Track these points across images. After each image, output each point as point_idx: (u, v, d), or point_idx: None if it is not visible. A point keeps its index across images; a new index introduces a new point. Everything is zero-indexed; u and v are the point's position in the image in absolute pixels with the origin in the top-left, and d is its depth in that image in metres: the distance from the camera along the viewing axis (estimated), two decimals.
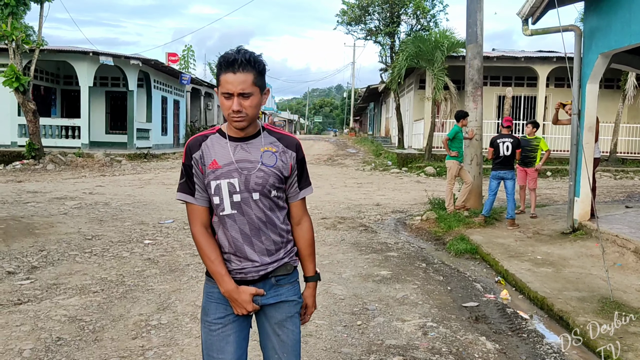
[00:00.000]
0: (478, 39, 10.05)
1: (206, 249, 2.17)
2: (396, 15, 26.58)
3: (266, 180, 2.13)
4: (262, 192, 2.14)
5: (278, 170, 2.16)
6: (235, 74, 2.02)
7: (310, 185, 2.33)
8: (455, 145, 9.70)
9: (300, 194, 2.28)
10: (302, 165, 2.28)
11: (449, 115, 19.95)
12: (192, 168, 2.18)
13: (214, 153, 2.16)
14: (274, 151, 2.18)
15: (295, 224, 2.30)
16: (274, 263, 2.21)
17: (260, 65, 2.09)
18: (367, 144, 32.28)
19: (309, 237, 2.32)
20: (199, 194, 2.19)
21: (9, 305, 4.86)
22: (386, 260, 6.91)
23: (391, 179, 17.63)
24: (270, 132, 2.23)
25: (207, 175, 2.15)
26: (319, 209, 10.75)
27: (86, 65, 22.25)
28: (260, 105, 2.13)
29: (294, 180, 2.25)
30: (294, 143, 2.25)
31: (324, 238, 8.12)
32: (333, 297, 5.32)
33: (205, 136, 2.21)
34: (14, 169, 17.24)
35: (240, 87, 2.02)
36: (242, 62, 2.02)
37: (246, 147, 2.16)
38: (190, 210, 2.21)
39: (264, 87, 2.14)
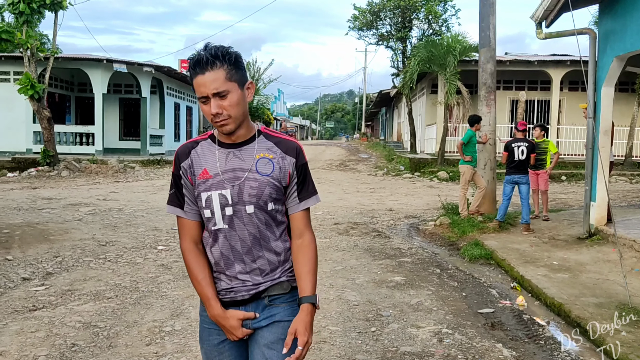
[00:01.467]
0: (491, 42, 9.99)
1: (194, 268, 1.98)
2: (408, 20, 26.57)
3: (261, 191, 1.91)
4: (257, 204, 1.92)
5: (275, 179, 1.94)
6: (204, 74, 1.82)
7: (314, 195, 2.06)
8: (469, 149, 9.63)
9: (301, 205, 2.01)
10: (304, 172, 2.02)
11: (461, 120, 19.86)
12: (181, 178, 1.99)
13: (204, 161, 1.96)
14: (271, 158, 1.95)
15: (296, 238, 2.03)
16: (267, 282, 1.97)
17: (231, 57, 1.85)
18: (379, 149, 32.21)
19: (309, 252, 2.02)
20: (189, 206, 1.99)
21: (24, 312, 4.88)
22: (400, 265, 6.86)
23: (404, 184, 17.56)
24: (267, 137, 2.00)
25: (197, 186, 1.95)
26: (332, 214, 10.72)
27: (100, 72, 22.46)
28: (243, 102, 1.90)
29: (293, 189, 2.00)
30: (294, 148, 2.01)
31: (337, 243, 8.10)
32: (347, 303, 5.28)
33: (195, 142, 2.01)
34: (29, 176, 17.41)
35: (213, 86, 1.82)
36: (209, 60, 1.82)
37: (239, 153, 1.95)
38: (180, 225, 2.02)
39: (243, 81, 1.91)
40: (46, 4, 17.55)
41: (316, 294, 1.99)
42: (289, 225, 2.05)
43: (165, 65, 24.51)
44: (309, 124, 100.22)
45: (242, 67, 1.91)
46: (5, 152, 21.34)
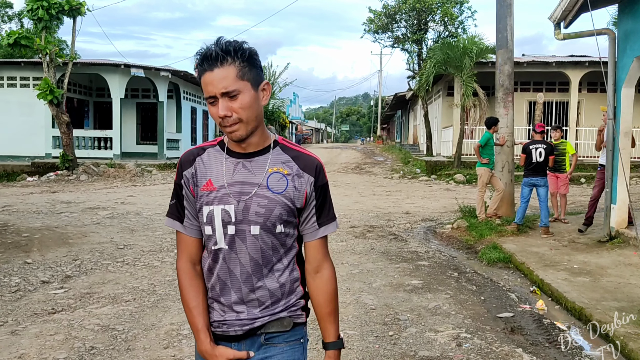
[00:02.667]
0: (508, 44, 9.91)
1: (187, 294, 1.75)
2: (423, 23, 26.48)
3: (270, 210, 1.67)
4: (263, 225, 1.67)
5: (288, 198, 1.69)
6: (213, 71, 1.60)
7: (334, 220, 1.81)
8: (486, 152, 9.55)
9: (320, 232, 1.77)
10: (324, 194, 1.77)
11: (478, 122, 19.72)
12: (182, 188, 1.77)
13: (209, 171, 1.73)
14: (286, 173, 1.70)
15: (312, 271, 1.78)
16: (265, 317, 1.73)
17: (244, 53, 1.62)
18: (394, 151, 32.11)
19: (330, 291, 1.78)
20: (189, 221, 1.77)
21: (44, 315, 4.93)
22: (417, 269, 6.81)
23: (420, 186, 17.47)
24: (284, 149, 1.76)
25: (199, 199, 1.72)
26: (348, 218, 10.69)
27: (118, 77, 22.69)
28: (257, 105, 1.67)
29: (311, 213, 1.75)
30: (314, 165, 1.74)
31: (353, 247, 8.07)
32: (364, 307, 5.25)
33: (202, 149, 1.79)
34: (49, 180, 17.64)
35: (222, 85, 1.59)
36: (218, 55, 1.60)
37: (249, 165, 1.71)
38: (178, 241, 1.80)
39: (258, 80, 1.67)
40: (65, 10, 17.79)
41: (341, 336, 1.82)
42: (300, 253, 1.81)
43: (181, 70, 24.70)
44: (325, 127, 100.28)
45: (258, 65, 1.68)
46: (25, 157, 21.64)
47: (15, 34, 17.76)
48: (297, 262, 1.80)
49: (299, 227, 1.78)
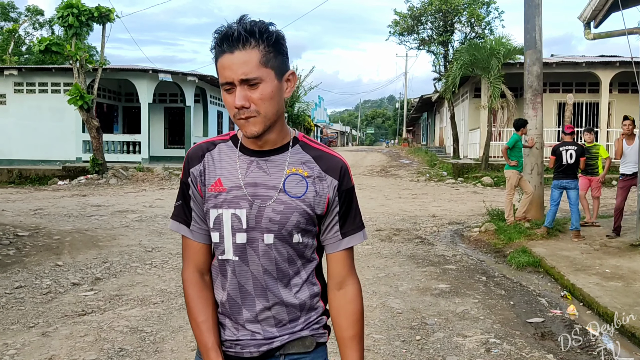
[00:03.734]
0: (537, 44, 9.75)
1: (194, 306, 1.55)
2: (450, 24, 26.28)
3: (286, 217, 1.47)
4: (278, 234, 1.48)
5: (307, 204, 1.49)
6: (233, 53, 1.39)
7: (361, 230, 1.58)
8: (514, 154, 9.41)
9: (344, 243, 1.55)
10: (349, 199, 1.55)
11: (506, 124, 19.45)
12: (189, 187, 1.57)
13: (219, 169, 1.53)
14: (306, 175, 1.50)
15: (334, 287, 1.56)
16: (284, 336, 1.54)
17: (270, 36, 1.41)
18: (420, 154, 31.90)
19: (355, 311, 1.56)
20: (196, 225, 1.57)
21: (74, 316, 5.01)
22: (444, 273, 6.74)
23: (447, 189, 17.30)
24: (305, 147, 1.54)
25: (207, 200, 1.52)
26: (373, 221, 10.64)
27: (146, 82, 23.03)
28: (279, 97, 1.45)
29: (334, 221, 1.54)
30: (338, 166, 1.53)
31: (379, 250, 8.02)
32: (390, 310, 5.21)
33: (212, 144, 1.58)
34: (79, 184, 17.98)
35: (242, 70, 1.38)
36: (241, 35, 1.38)
37: (265, 165, 1.50)
38: (184, 247, 1.61)
39: (283, 69, 1.46)
40: (94, 17, 18.15)
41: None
42: (320, 265, 1.59)
43: (208, 74, 24.95)
44: (349, 130, 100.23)
45: (284, 51, 1.46)
46: (57, 161, 22.10)
47: (46, 40, 18.20)
48: (317, 275, 1.59)
49: (320, 236, 1.56)
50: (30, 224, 9.58)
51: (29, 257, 7.27)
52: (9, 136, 22.44)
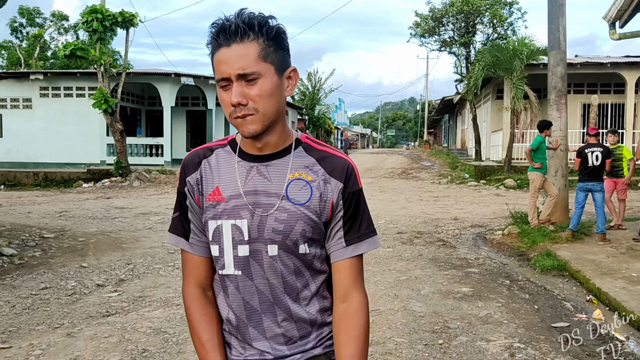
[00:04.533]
0: (561, 45, 9.62)
1: (198, 325, 1.46)
2: (471, 25, 26.07)
3: (290, 226, 1.37)
4: (283, 244, 1.38)
5: (313, 211, 1.38)
6: (230, 46, 1.30)
7: (369, 237, 1.45)
8: (538, 156, 9.28)
9: (349, 251, 1.42)
10: (355, 202, 1.43)
11: (529, 126, 19.21)
12: (186, 198, 1.48)
13: (217, 177, 1.43)
14: (310, 180, 1.40)
15: (338, 300, 1.43)
16: (296, 355, 1.44)
17: (270, 29, 1.32)
18: (442, 156, 31.67)
19: (357, 326, 1.41)
20: (196, 237, 1.47)
21: (98, 317, 5.07)
22: (467, 276, 6.67)
23: (469, 192, 17.15)
24: (308, 149, 1.44)
25: (205, 211, 1.43)
26: (394, 223, 10.59)
27: (168, 86, 23.28)
28: (279, 94, 1.36)
29: (337, 226, 1.43)
30: (343, 167, 1.42)
31: (401, 253, 7.98)
32: (412, 314, 5.18)
33: (209, 149, 1.48)
34: (103, 186, 18.23)
35: (239, 64, 1.29)
36: (239, 27, 1.29)
37: (265, 170, 1.40)
38: (184, 261, 1.51)
39: (283, 65, 1.37)
40: (118, 22, 18.42)
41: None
42: (331, 277, 1.47)
43: None
44: (370, 132, 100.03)
45: (285, 46, 1.37)
46: (81, 164, 22.45)
47: (71, 45, 18.53)
48: (328, 287, 1.48)
49: (325, 243, 1.45)
50: (56, 226, 9.74)
51: (54, 259, 7.40)
52: (36, 140, 22.87)
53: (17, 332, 4.69)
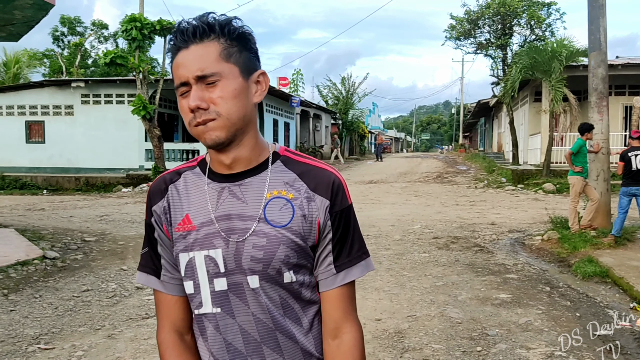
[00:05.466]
0: (601, 46, 9.38)
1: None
2: (508, 27, 25.68)
3: (271, 252, 1.20)
4: (264, 274, 1.21)
5: (296, 233, 1.21)
6: (188, 48, 1.17)
7: (362, 259, 1.28)
8: (579, 160, 9.06)
9: (339, 279, 1.25)
10: (345, 223, 1.26)
11: (568, 129, 18.79)
12: (154, 230, 1.32)
13: (186, 203, 1.27)
14: (291, 198, 1.23)
15: (330, 335, 1.26)
16: None
17: (232, 29, 1.19)
18: (478, 160, 31.22)
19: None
20: (168, 274, 1.31)
21: (138, 319, 5.17)
22: (505, 282, 6.55)
23: (506, 196, 16.85)
24: (288, 163, 1.27)
25: (176, 242, 1.26)
26: (430, 228, 10.49)
27: None
28: (245, 99, 1.21)
29: (326, 251, 1.25)
30: (329, 181, 1.25)
31: (437, 258, 7.89)
32: (449, 320, 5.11)
33: (177, 173, 1.33)
34: (142, 191, 18.61)
35: (198, 65, 1.15)
36: (198, 28, 1.17)
37: (239, 190, 1.23)
38: (157, 302, 1.33)
39: (249, 67, 1.22)
40: (156, 30, 18.80)
41: None
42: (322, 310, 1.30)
43: None
44: (404, 136, 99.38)
45: (252, 48, 1.23)
46: (121, 169, 22.96)
47: (111, 53, 19.00)
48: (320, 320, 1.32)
49: (313, 270, 1.28)
50: (97, 230, 9.98)
51: (95, 262, 7.58)
52: (77, 145, 23.50)
53: (59, 333, 4.82)
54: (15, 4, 7.36)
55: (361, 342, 1.26)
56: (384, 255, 8.00)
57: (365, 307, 5.51)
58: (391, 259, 7.80)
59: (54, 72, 34.83)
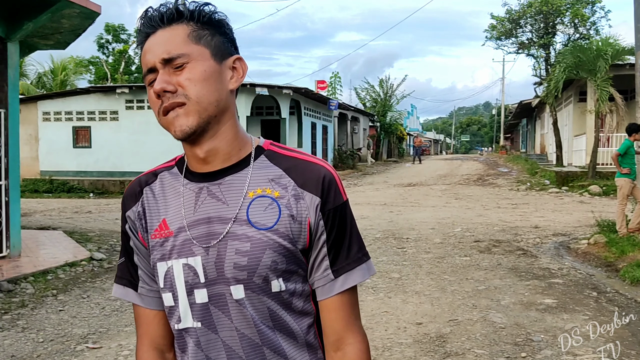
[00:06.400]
0: None
1: None
2: (551, 26, 25.12)
3: (256, 258, 1.07)
4: (250, 283, 1.07)
5: (283, 235, 1.08)
6: (155, 32, 1.07)
7: (363, 262, 1.13)
8: (626, 161, 8.79)
9: (337, 284, 1.11)
10: (340, 221, 1.12)
11: (615, 129, 18.22)
12: (129, 238, 1.20)
13: (163, 207, 1.15)
14: (277, 196, 1.10)
15: (332, 347, 1.13)
16: None
17: (204, 14, 1.09)
18: (520, 162, 30.59)
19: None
20: (146, 286, 1.19)
21: None
22: (550, 287, 6.40)
23: (550, 199, 16.46)
24: (273, 158, 1.14)
25: (152, 251, 1.14)
26: (471, 231, 10.33)
27: (244, 96, 23.91)
28: (219, 83, 1.09)
29: (321, 254, 1.12)
30: (319, 176, 1.11)
31: (478, 262, 7.77)
32: (492, 325, 5.03)
33: (153, 174, 1.23)
34: None
35: (164, 48, 1.05)
36: (167, 13, 1.07)
37: (218, 190, 1.11)
38: (136, 317, 1.23)
39: (223, 51, 1.10)
40: None
41: None
42: (319, 318, 1.16)
43: (302, 87, 25.49)
44: (443, 138, 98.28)
45: (225, 33, 1.13)
46: None
47: None
48: (318, 332, 1.17)
49: (308, 277, 1.14)
50: None
51: None
52: (122, 150, 24.14)
53: (106, 333, 4.96)
54: (63, 13, 7.62)
55: (367, 353, 1.14)
56: (424, 259, 7.93)
57: (406, 310, 5.48)
58: (431, 262, 7.73)
59: (99, 79, 35.87)
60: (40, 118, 23.82)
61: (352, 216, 1.15)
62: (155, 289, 1.18)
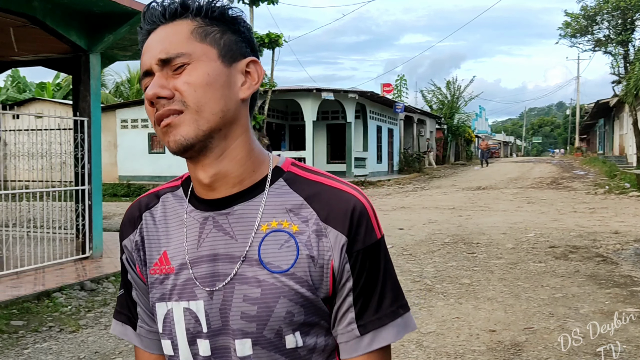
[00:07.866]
0: None
1: None
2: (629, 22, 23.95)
3: (269, 307, 0.88)
4: (259, 337, 0.89)
5: (302, 281, 0.88)
6: (156, 30, 0.90)
7: (400, 314, 0.92)
8: None
9: (364, 343, 0.90)
10: (371, 265, 0.91)
11: None
12: (126, 271, 1.03)
13: (165, 236, 0.97)
14: (294, 231, 0.89)
15: None
16: None
17: (213, 8, 0.91)
18: (597, 164, 29.21)
19: None
20: (145, 326, 1.03)
21: None
22: (632, 295, 6.09)
23: (630, 203, 15.63)
24: (293, 182, 0.94)
25: (152, 288, 0.96)
26: (546, 237, 9.98)
27: (310, 101, 24.18)
28: (226, 88, 0.90)
29: (345, 305, 0.91)
30: (348, 208, 0.90)
31: (554, 269, 7.49)
32: (570, 334, 4.84)
33: (155, 196, 1.02)
34: None
35: (161, 47, 0.87)
36: (170, 7, 0.90)
37: (226, 221, 0.91)
38: (136, 356, 1.07)
39: (235, 52, 0.92)
40: (265, 43, 19.54)
41: None
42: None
43: (368, 91, 25.48)
44: (514, 140, 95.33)
45: (240, 31, 0.94)
46: None
47: None
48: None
49: (331, 329, 0.94)
50: None
51: None
52: None
53: None
54: None
55: None
56: (496, 265, 7.74)
57: (478, 317, 5.37)
58: (504, 268, 7.53)
59: None
60: (118, 125, 24.99)
61: (387, 258, 0.93)
62: (155, 330, 1.00)
